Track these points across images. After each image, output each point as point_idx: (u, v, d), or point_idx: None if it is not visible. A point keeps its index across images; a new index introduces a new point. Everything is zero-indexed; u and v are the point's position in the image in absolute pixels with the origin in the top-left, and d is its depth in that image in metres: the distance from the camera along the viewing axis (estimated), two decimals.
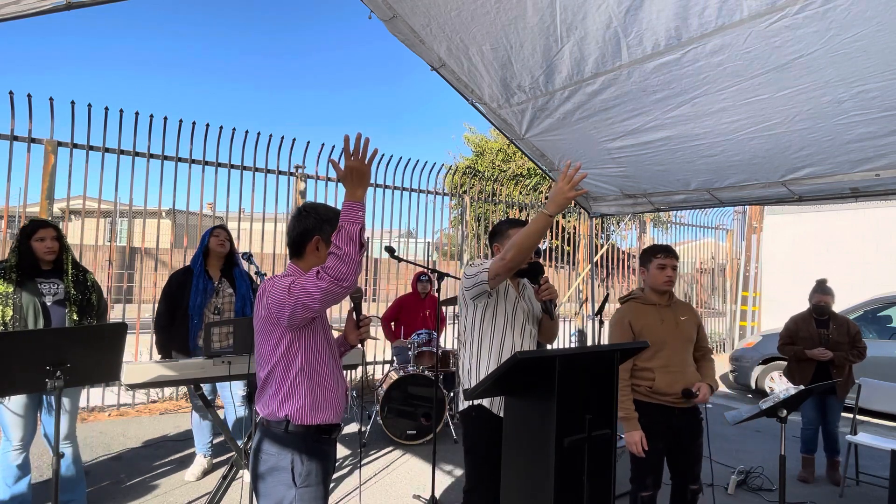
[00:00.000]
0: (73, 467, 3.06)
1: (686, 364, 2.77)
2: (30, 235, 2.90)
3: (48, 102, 5.01)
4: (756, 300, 11.13)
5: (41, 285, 2.92)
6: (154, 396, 5.84)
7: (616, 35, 2.59)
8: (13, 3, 1.87)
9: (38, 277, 2.92)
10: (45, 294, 2.92)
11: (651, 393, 2.72)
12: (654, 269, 2.80)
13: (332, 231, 1.71)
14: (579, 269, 9.23)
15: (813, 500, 3.94)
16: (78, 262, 3.13)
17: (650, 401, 2.73)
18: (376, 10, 2.97)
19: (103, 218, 8.47)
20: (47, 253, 2.91)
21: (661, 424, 2.72)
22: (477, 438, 2.37)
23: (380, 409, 4.67)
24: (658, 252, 2.82)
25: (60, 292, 2.97)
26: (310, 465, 1.72)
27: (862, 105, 2.65)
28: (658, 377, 2.71)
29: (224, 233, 3.70)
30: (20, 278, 2.85)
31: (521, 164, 16.30)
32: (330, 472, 1.84)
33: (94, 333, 2.48)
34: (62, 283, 2.98)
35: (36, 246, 2.89)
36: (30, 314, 2.86)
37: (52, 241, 2.91)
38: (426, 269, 4.62)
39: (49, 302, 2.93)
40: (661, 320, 2.77)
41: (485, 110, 3.71)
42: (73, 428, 3.08)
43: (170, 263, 7.39)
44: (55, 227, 2.98)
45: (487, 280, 2.25)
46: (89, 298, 3.09)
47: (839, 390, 4.23)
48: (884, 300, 7.00)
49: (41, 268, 2.94)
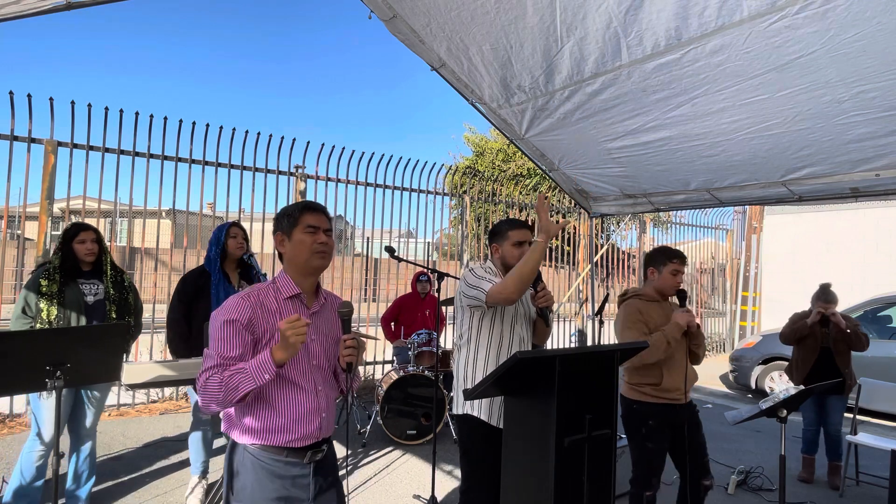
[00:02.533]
0: (87, 462, 3.11)
1: (685, 360, 2.81)
2: (71, 238, 3.01)
3: (48, 102, 5.02)
4: (756, 300, 11.13)
5: (82, 286, 3.04)
6: (154, 396, 5.84)
7: (616, 35, 2.59)
8: (13, 3, 1.87)
9: (79, 278, 3.04)
10: (86, 294, 3.04)
11: (657, 392, 2.74)
12: (667, 273, 2.83)
13: (287, 225, 1.73)
14: (579, 269, 9.23)
15: (813, 500, 3.94)
16: (115, 264, 3.23)
17: (656, 400, 2.74)
18: (376, 10, 2.97)
19: (103, 218, 8.47)
20: (88, 255, 3.02)
21: (667, 423, 2.75)
22: (471, 441, 2.38)
23: (380, 409, 4.67)
24: (675, 257, 2.85)
25: (100, 292, 3.09)
26: (243, 482, 1.67)
27: (862, 105, 2.65)
28: (666, 374, 2.74)
29: (241, 231, 3.44)
30: (64, 279, 2.97)
31: (521, 164, 16.30)
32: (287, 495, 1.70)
33: (94, 333, 2.49)
34: (102, 283, 3.10)
35: (77, 248, 3.01)
36: (73, 313, 2.97)
37: (91, 243, 3.03)
38: (426, 269, 4.62)
39: (90, 301, 3.04)
40: (665, 317, 2.81)
41: (485, 110, 3.71)
42: (96, 423, 3.17)
43: (170, 263, 7.39)
44: (95, 230, 3.09)
45: (485, 301, 2.27)
46: (126, 298, 3.19)
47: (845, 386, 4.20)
48: (884, 300, 7.00)
49: (82, 269, 3.05)
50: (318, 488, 1.75)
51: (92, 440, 3.14)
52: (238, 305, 1.65)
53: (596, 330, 4.37)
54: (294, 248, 1.72)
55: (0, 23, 1.91)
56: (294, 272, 1.75)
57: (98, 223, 5.83)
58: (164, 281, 6.56)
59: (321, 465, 1.77)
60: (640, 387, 2.79)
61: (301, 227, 1.72)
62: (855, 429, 4.18)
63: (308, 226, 1.71)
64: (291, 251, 1.73)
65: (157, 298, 5.88)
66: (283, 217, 1.76)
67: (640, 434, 2.79)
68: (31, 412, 3.00)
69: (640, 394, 2.79)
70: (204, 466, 3.56)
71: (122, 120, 5.39)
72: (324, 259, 1.73)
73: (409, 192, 7.19)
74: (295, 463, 1.70)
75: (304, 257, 1.71)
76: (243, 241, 3.41)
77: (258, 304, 1.67)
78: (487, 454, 2.27)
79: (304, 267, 1.73)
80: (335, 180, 6.65)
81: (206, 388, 1.59)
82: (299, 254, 1.71)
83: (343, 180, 6.71)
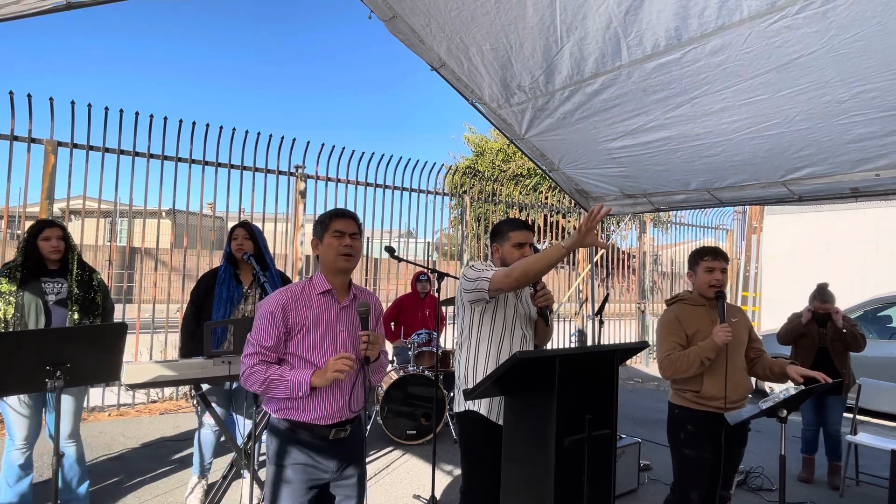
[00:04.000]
0: (77, 467, 3.06)
1: (736, 368, 2.62)
2: (36, 235, 2.92)
3: (48, 102, 5.01)
4: (756, 300, 11.12)
5: (46, 284, 2.94)
6: (154, 396, 5.84)
7: (616, 35, 2.59)
8: (13, 3, 1.87)
9: (44, 277, 2.94)
10: (48, 293, 2.94)
11: (698, 399, 2.60)
12: (701, 271, 2.67)
13: (320, 230, 1.97)
14: (579, 269, 9.23)
15: (813, 500, 3.94)
16: (85, 262, 3.13)
17: (699, 408, 2.61)
18: (376, 10, 2.97)
19: (103, 218, 8.47)
20: (52, 252, 2.92)
21: (712, 432, 2.58)
22: (472, 441, 2.37)
23: (380, 409, 4.67)
24: (706, 254, 2.68)
25: (63, 291, 2.98)
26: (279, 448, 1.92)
27: (862, 105, 2.65)
28: (706, 382, 2.59)
29: (243, 231, 3.33)
30: (25, 277, 2.88)
31: (521, 164, 16.30)
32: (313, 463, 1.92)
33: (94, 333, 2.48)
34: (66, 282, 2.99)
35: (42, 245, 2.92)
36: (31, 313, 2.87)
37: (57, 240, 2.93)
38: (426, 269, 4.62)
39: (52, 301, 2.94)
40: (711, 322, 2.63)
41: (485, 110, 3.71)
42: (77, 427, 3.09)
43: (170, 263, 7.39)
44: (61, 227, 3.00)
45: (488, 289, 2.24)
46: (93, 298, 3.08)
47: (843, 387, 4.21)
48: (884, 300, 7.01)
49: (48, 267, 2.96)
50: (341, 463, 1.97)
51: (75, 446, 3.03)
52: (275, 299, 1.89)
53: (596, 330, 4.37)
54: (324, 250, 1.95)
55: (0, 23, 1.91)
56: (326, 271, 1.99)
57: (98, 223, 5.83)
58: (164, 281, 6.57)
59: (344, 443, 1.98)
60: (683, 392, 2.67)
61: (330, 231, 1.94)
62: (855, 429, 4.17)
63: (336, 231, 1.93)
64: (323, 253, 1.97)
65: (157, 298, 5.88)
66: (318, 224, 2.01)
67: (679, 439, 2.67)
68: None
69: (682, 399, 2.67)
70: (206, 467, 3.54)
71: (122, 120, 5.39)
72: (349, 261, 1.95)
73: (409, 192, 7.19)
74: (320, 438, 1.92)
75: (331, 258, 1.94)
76: (244, 242, 3.30)
77: (292, 299, 1.91)
78: (488, 454, 2.26)
79: (333, 267, 1.96)
80: (335, 180, 6.65)
81: (249, 378, 1.85)
82: (328, 255, 1.95)
83: (343, 180, 6.71)
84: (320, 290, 1.96)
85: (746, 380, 2.69)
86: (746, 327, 2.75)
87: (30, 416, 2.87)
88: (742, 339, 2.70)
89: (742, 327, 2.71)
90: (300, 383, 1.82)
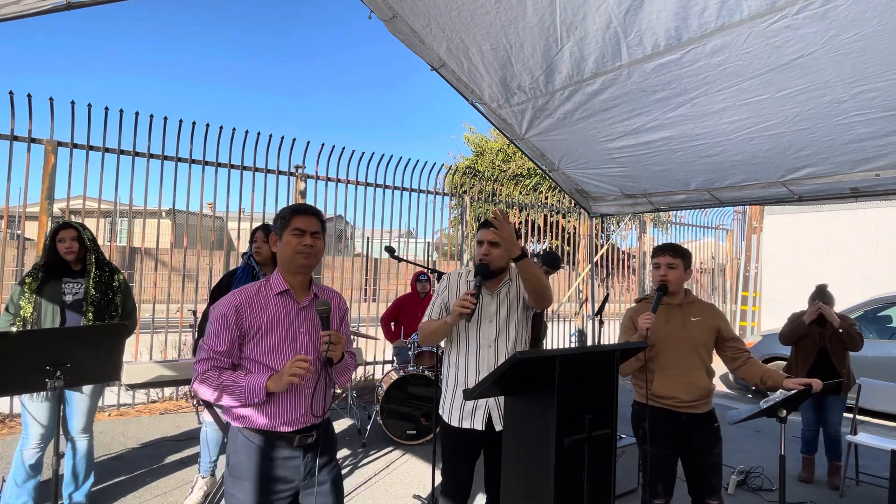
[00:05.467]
0: (84, 462, 3.10)
1: (690, 368, 2.63)
2: (53, 237, 3.00)
3: (48, 102, 5.01)
4: (756, 300, 11.13)
5: (66, 285, 3.01)
6: (154, 396, 5.83)
7: (616, 35, 2.59)
8: (13, 3, 1.87)
9: (66, 277, 3.01)
10: (66, 294, 3.00)
11: (652, 396, 2.66)
12: (653, 269, 2.77)
13: (280, 227, 1.87)
14: (579, 269, 9.23)
15: (813, 500, 3.94)
16: (105, 263, 3.16)
17: (654, 404, 2.66)
18: (376, 10, 2.97)
19: (103, 218, 8.48)
20: (67, 253, 2.98)
21: (667, 428, 2.64)
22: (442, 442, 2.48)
23: (380, 409, 4.67)
24: (657, 252, 2.76)
25: (81, 292, 3.03)
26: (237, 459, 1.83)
27: (862, 105, 2.65)
28: (656, 379, 2.64)
29: (262, 234, 3.39)
30: (45, 277, 2.96)
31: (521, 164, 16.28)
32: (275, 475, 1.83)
33: (94, 334, 2.49)
34: (85, 282, 3.05)
35: (58, 247, 2.99)
36: (48, 312, 2.94)
37: (71, 241, 2.99)
38: (426, 269, 4.62)
39: (69, 300, 3.00)
40: (665, 320, 2.67)
41: (485, 110, 3.71)
42: (91, 423, 3.14)
43: (170, 263, 7.39)
44: (76, 228, 3.05)
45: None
46: (111, 299, 3.11)
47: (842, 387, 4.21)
48: (884, 300, 7.01)
49: (72, 268, 3.03)
50: (309, 470, 1.87)
51: (87, 441, 3.10)
52: (228, 301, 1.81)
53: (596, 330, 4.37)
54: (282, 248, 1.86)
55: (0, 23, 1.91)
56: (283, 270, 1.89)
57: (98, 223, 5.83)
58: (164, 281, 6.57)
59: (312, 448, 1.88)
60: (638, 388, 2.75)
61: (290, 229, 1.85)
62: (855, 429, 4.17)
63: (295, 228, 1.84)
64: (281, 251, 1.87)
65: (157, 298, 5.88)
66: (278, 219, 1.90)
67: (638, 436, 2.75)
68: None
69: (639, 395, 2.74)
70: (212, 466, 3.55)
71: (122, 120, 5.39)
72: (307, 259, 1.85)
73: (409, 192, 7.18)
74: (283, 446, 1.83)
75: (289, 257, 1.85)
76: (262, 245, 3.38)
77: (246, 300, 1.82)
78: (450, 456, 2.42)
79: (290, 265, 1.87)
80: (335, 180, 6.65)
81: (202, 386, 1.76)
82: (286, 254, 1.85)
83: (343, 180, 6.71)
84: (277, 290, 1.85)
85: (705, 380, 2.65)
86: (712, 328, 2.70)
87: (48, 415, 2.92)
88: (701, 340, 2.67)
89: (704, 327, 2.68)
90: (255, 388, 1.73)
